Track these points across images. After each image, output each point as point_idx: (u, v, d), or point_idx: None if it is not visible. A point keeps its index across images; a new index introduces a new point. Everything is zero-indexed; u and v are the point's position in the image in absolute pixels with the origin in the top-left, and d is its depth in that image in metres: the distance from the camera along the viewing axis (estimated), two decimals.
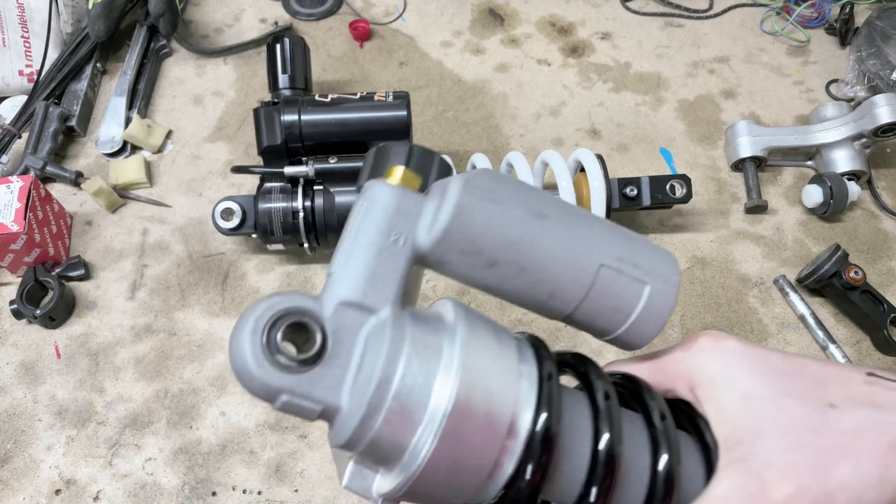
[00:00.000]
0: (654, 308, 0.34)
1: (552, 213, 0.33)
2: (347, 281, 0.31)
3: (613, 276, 0.33)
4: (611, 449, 0.31)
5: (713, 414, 0.34)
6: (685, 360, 0.36)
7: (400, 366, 0.29)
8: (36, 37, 0.93)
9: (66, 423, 0.70)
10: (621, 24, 1.05)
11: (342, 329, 0.30)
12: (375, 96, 0.77)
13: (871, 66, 0.93)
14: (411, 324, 0.31)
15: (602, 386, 0.33)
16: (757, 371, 0.33)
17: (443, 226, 0.31)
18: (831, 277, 0.76)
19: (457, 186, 0.31)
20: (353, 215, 0.33)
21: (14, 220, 0.73)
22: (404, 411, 0.29)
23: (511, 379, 0.30)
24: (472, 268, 0.32)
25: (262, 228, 0.75)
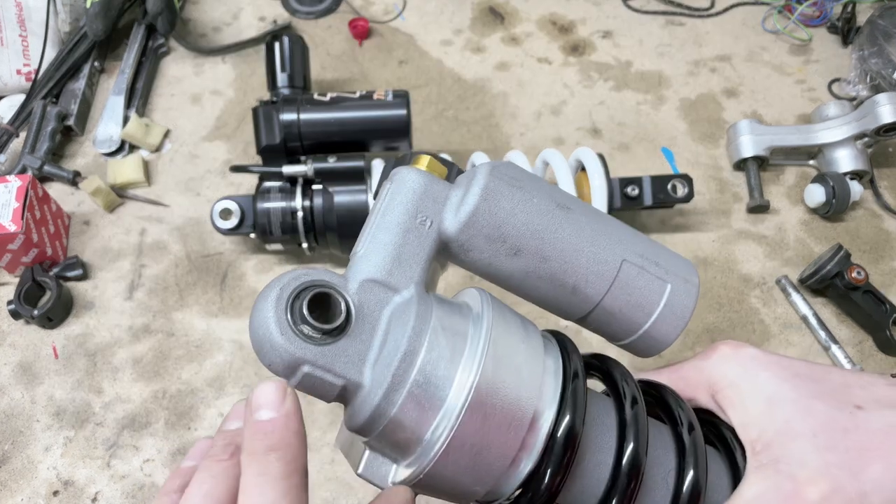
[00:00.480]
0: (675, 307, 0.34)
1: (575, 207, 0.33)
2: (373, 258, 0.30)
3: (636, 272, 0.33)
4: (635, 458, 0.30)
5: (738, 419, 0.33)
6: (706, 368, 0.35)
7: (425, 342, 0.28)
8: (34, 36, 0.93)
9: (63, 424, 0.70)
10: (622, 23, 1.04)
11: (367, 305, 0.30)
12: (375, 95, 0.76)
13: (873, 65, 0.92)
14: (437, 305, 0.30)
15: (630, 391, 0.33)
16: (780, 376, 0.33)
17: (470, 208, 0.31)
18: (833, 278, 0.76)
19: (484, 171, 0.32)
20: (380, 198, 0.33)
21: (12, 219, 0.73)
22: (428, 388, 0.28)
23: (536, 371, 0.30)
24: (496, 255, 0.32)
25: (261, 228, 0.75)
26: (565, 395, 0.30)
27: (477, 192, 0.31)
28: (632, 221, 0.85)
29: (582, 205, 0.34)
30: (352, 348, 0.29)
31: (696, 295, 0.34)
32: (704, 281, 0.80)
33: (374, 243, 0.31)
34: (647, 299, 0.33)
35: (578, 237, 0.32)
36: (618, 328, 0.34)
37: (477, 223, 0.31)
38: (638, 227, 0.84)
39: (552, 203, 0.32)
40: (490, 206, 0.31)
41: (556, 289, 0.33)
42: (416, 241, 0.31)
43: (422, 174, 0.32)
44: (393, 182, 0.32)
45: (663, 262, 0.34)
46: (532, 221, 0.32)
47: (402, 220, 0.31)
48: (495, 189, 0.31)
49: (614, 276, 0.33)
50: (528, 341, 0.31)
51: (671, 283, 0.33)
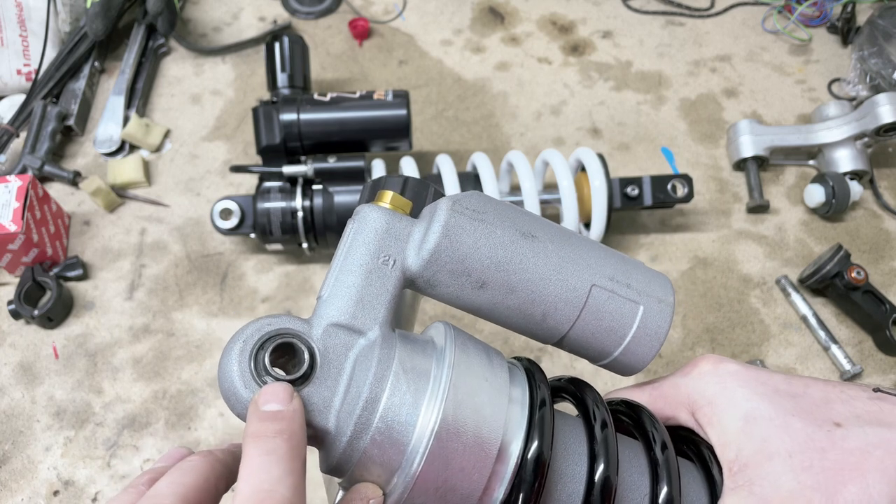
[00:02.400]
0: (648, 329, 0.33)
1: (541, 234, 0.33)
2: (336, 302, 0.31)
3: (606, 297, 0.33)
4: (606, 479, 0.31)
5: (716, 437, 0.33)
6: (685, 385, 0.35)
7: (387, 386, 0.29)
8: (34, 36, 0.93)
9: (64, 424, 0.70)
10: (622, 23, 1.04)
11: (331, 350, 0.30)
12: (375, 95, 0.76)
13: (872, 65, 0.92)
14: (400, 345, 0.30)
15: (599, 414, 0.33)
16: (759, 392, 0.33)
17: (431, 246, 0.31)
18: (833, 278, 0.76)
19: (445, 207, 0.31)
20: (343, 237, 0.33)
21: (12, 219, 0.73)
22: (391, 431, 0.28)
23: (501, 403, 0.30)
24: (462, 289, 0.32)
25: (261, 228, 0.75)
26: (532, 423, 0.30)
27: (437, 229, 0.31)
28: (632, 221, 0.85)
29: (550, 230, 0.33)
30: (317, 395, 0.29)
31: (671, 314, 0.34)
32: (704, 281, 0.80)
33: (338, 286, 0.31)
34: (619, 323, 0.33)
35: (545, 266, 0.32)
36: (592, 352, 0.35)
37: (439, 260, 0.31)
38: (638, 228, 0.84)
39: (516, 233, 0.32)
40: (451, 243, 0.31)
41: (526, 318, 0.33)
42: (379, 281, 0.31)
43: (383, 212, 0.32)
44: (355, 221, 0.33)
45: (636, 283, 0.34)
46: (495, 254, 0.31)
47: (364, 262, 0.31)
48: (456, 225, 0.31)
49: (584, 303, 0.33)
50: (492, 376, 0.31)
51: (644, 304, 0.33)
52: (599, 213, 0.73)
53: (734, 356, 0.75)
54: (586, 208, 0.75)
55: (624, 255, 0.35)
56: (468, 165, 0.78)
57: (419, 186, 0.38)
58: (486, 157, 0.75)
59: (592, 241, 0.35)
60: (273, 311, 0.77)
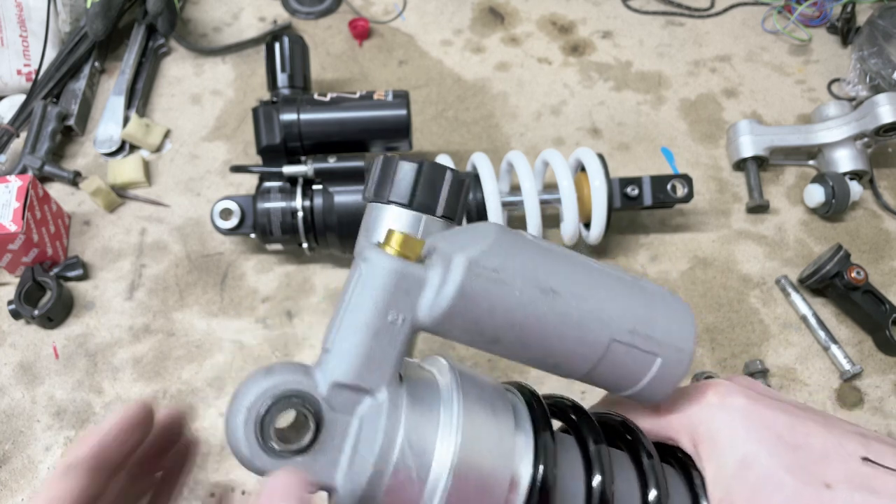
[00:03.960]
0: (663, 378, 0.33)
1: (564, 286, 0.31)
2: (342, 361, 0.30)
3: (624, 350, 0.32)
4: (603, 490, 0.32)
5: (710, 474, 0.34)
6: (690, 414, 0.35)
7: (392, 459, 0.29)
8: (34, 36, 0.93)
9: (64, 424, 0.70)
10: (622, 23, 1.04)
11: (337, 410, 0.30)
12: (375, 95, 0.76)
13: (872, 65, 0.92)
14: (407, 406, 0.30)
15: (592, 436, 0.34)
16: (760, 438, 0.33)
17: (444, 308, 0.30)
18: (833, 278, 0.76)
19: (460, 268, 0.30)
20: (349, 284, 0.32)
21: (12, 219, 0.73)
22: (402, 494, 0.29)
23: (507, 442, 0.31)
24: (473, 342, 0.32)
25: (261, 228, 0.75)
26: (538, 452, 0.31)
27: (451, 291, 0.29)
28: (632, 221, 0.85)
29: (575, 279, 0.32)
30: (322, 459, 0.29)
31: (689, 363, 0.34)
32: (704, 281, 0.80)
33: (344, 343, 0.30)
34: (633, 373, 0.33)
35: (563, 324, 0.31)
36: (604, 388, 0.35)
37: (452, 321, 0.30)
38: (638, 228, 0.85)
39: (536, 291, 0.31)
40: (466, 305, 0.30)
41: (538, 365, 0.33)
42: (386, 340, 0.30)
43: (393, 263, 0.30)
44: (361, 271, 0.31)
45: (657, 333, 0.33)
46: (511, 315, 0.30)
47: (371, 321, 0.30)
48: (471, 289, 0.30)
49: (601, 357, 0.32)
50: (495, 413, 0.31)
51: (662, 356, 0.33)
52: (599, 213, 0.73)
53: (734, 356, 0.75)
54: (586, 208, 0.75)
55: (649, 293, 0.34)
56: (468, 165, 0.78)
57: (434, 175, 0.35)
58: (486, 157, 0.75)
59: (621, 279, 0.34)
60: (273, 311, 0.77)
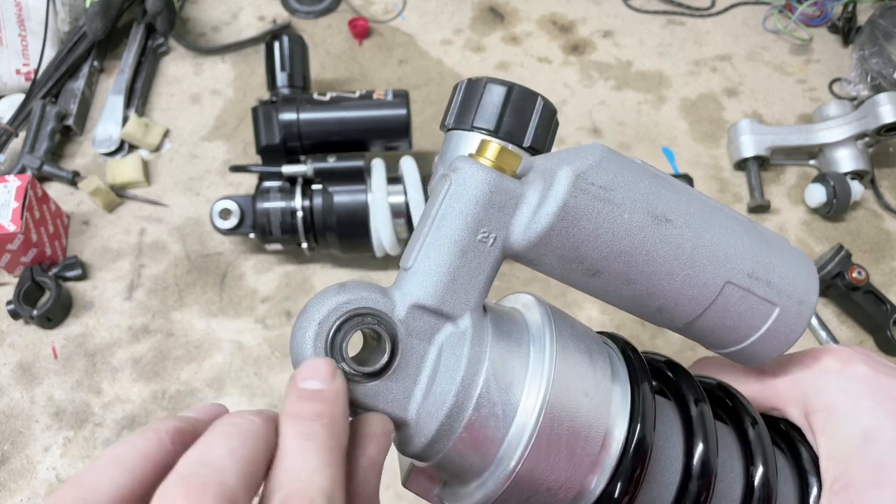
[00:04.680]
0: (779, 332, 0.29)
1: (678, 216, 0.28)
2: (425, 281, 0.27)
3: (739, 296, 0.28)
4: (706, 463, 0.28)
5: (826, 448, 0.30)
6: (803, 381, 0.31)
7: (476, 393, 0.26)
8: (33, 35, 0.92)
9: (63, 425, 0.70)
10: (623, 22, 1.04)
11: (414, 335, 0.27)
12: (374, 95, 0.76)
13: (873, 64, 0.92)
14: (493, 337, 0.27)
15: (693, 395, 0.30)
16: (886, 409, 0.29)
17: (542, 228, 0.26)
18: (834, 278, 0.75)
19: (565, 182, 0.26)
20: (437, 196, 0.28)
21: (11, 219, 0.72)
22: (480, 438, 0.26)
23: (604, 391, 0.27)
24: (570, 273, 0.28)
25: (261, 228, 0.74)
26: (635, 409, 0.28)
27: (552, 209, 0.26)
28: None
29: (690, 209, 0.28)
30: (396, 387, 0.26)
31: (810, 316, 0.29)
32: None
33: (427, 261, 0.27)
34: (747, 323, 0.29)
35: (674, 259, 0.27)
36: (707, 342, 0.31)
37: (550, 244, 0.27)
38: None
39: (647, 217, 0.27)
40: (567, 226, 0.26)
41: (639, 307, 0.29)
42: (475, 261, 0.27)
43: (487, 175, 0.27)
44: (452, 182, 0.27)
45: (777, 279, 0.29)
46: (618, 243, 0.27)
47: (460, 238, 0.27)
48: (576, 207, 0.26)
49: (712, 301, 0.28)
50: (593, 362, 0.28)
51: (781, 306, 0.29)
52: None
53: None
54: None
55: (770, 238, 0.30)
56: None
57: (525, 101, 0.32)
58: None
59: (739, 219, 0.30)
60: (273, 311, 0.77)
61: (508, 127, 0.33)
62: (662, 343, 0.75)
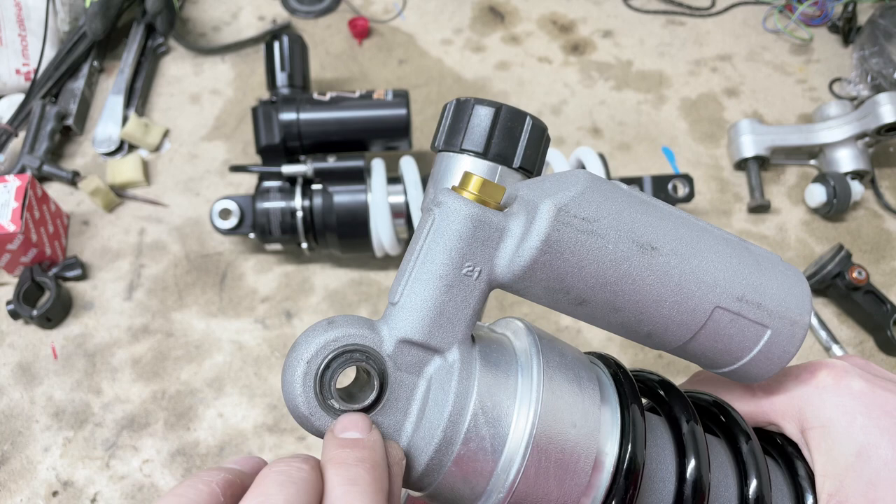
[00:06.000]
0: (771, 353, 0.29)
1: (665, 243, 0.28)
2: (412, 316, 0.27)
3: (729, 319, 0.28)
4: (698, 480, 0.28)
5: (821, 465, 0.30)
6: (799, 396, 0.32)
7: (466, 422, 0.26)
8: (33, 35, 0.92)
9: (63, 425, 0.69)
10: (623, 22, 1.04)
11: (403, 370, 0.27)
12: (374, 95, 0.76)
13: (874, 64, 0.92)
14: (480, 369, 0.27)
15: (685, 415, 0.30)
16: (881, 425, 0.29)
17: (525, 262, 0.26)
18: (835, 278, 0.75)
19: (548, 216, 0.26)
20: (422, 229, 0.28)
21: (11, 219, 0.72)
22: (469, 472, 0.26)
23: (594, 412, 0.27)
24: (557, 302, 0.28)
25: (261, 228, 0.74)
26: (625, 429, 0.27)
27: (536, 243, 0.26)
28: None
29: (677, 235, 0.28)
30: (385, 421, 0.27)
31: (803, 337, 0.29)
32: None
33: (413, 296, 0.27)
34: (738, 346, 0.29)
35: (662, 286, 0.27)
36: (700, 363, 0.31)
37: (534, 276, 0.26)
38: None
39: (633, 245, 0.27)
40: (551, 259, 0.26)
41: (629, 333, 0.29)
42: (460, 295, 0.27)
43: (471, 209, 0.27)
44: (436, 217, 0.27)
45: (768, 301, 0.29)
46: (604, 273, 0.26)
47: (444, 273, 0.27)
48: (559, 240, 0.26)
49: (701, 326, 0.28)
50: (581, 384, 0.28)
51: (772, 328, 0.29)
52: None
53: None
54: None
55: (760, 258, 0.30)
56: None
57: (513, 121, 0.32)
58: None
59: (728, 240, 0.30)
60: (273, 311, 0.77)
61: (497, 148, 0.33)
62: None
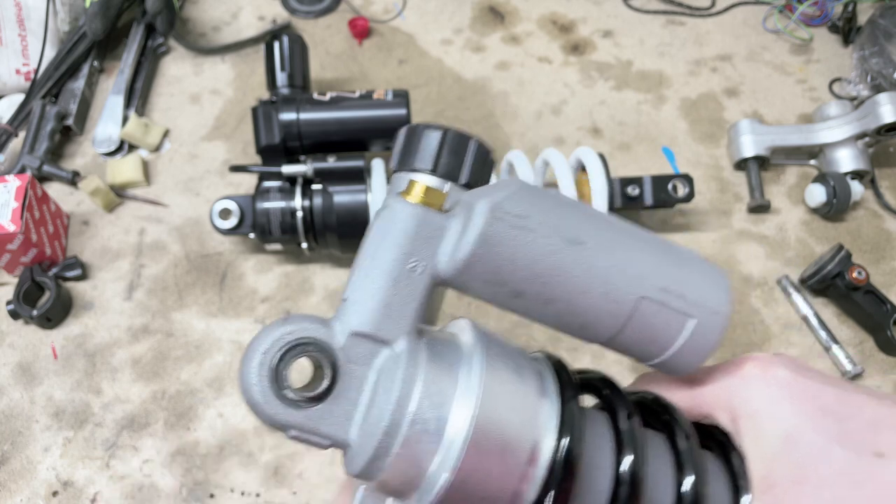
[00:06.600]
0: (696, 342, 0.32)
1: (591, 238, 0.30)
2: (361, 309, 0.29)
3: (654, 309, 0.31)
4: (635, 471, 0.30)
5: (751, 451, 0.31)
6: (728, 388, 0.33)
7: (411, 408, 0.28)
8: (33, 35, 0.92)
9: (63, 425, 0.69)
10: (623, 22, 1.04)
11: (353, 361, 0.29)
12: (374, 95, 0.76)
13: (873, 64, 0.92)
14: (426, 358, 0.29)
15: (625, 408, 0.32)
16: (806, 410, 0.31)
17: (464, 256, 0.29)
18: (834, 278, 0.75)
19: (483, 212, 0.29)
20: (370, 234, 0.31)
21: (11, 219, 0.72)
22: (415, 454, 0.28)
23: (531, 406, 0.29)
24: (496, 296, 0.30)
25: (261, 228, 0.74)
26: (563, 422, 0.29)
27: (472, 238, 0.29)
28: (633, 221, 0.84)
29: (602, 232, 0.31)
30: (337, 409, 0.29)
31: (724, 326, 0.32)
32: None
33: (363, 292, 0.30)
34: (665, 335, 0.31)
35: (588, 278, 0.30)
36: (632, 355, 0.33)
37: (473, 270, 0.29)
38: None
39: (561, 241, 0.30)
40: (487, 252, 0.29)
41: (564, 325, 0.32)
42: (406, 289, 0.30)
43: (413, 211, 0.30)
44: (383, 218, 0.31)
45: (690, 293, 0.31)
46: (535, 265, 0.29)
47: (391, 268, 0.30)
48: (493, 234, 0.29)
49: (629, 315, 0.31)
50: (522, 380, 0.30)
51: (696, 317, 0.31)
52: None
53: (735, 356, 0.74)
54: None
55: (682, 255, 0.33)
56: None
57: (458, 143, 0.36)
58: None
59: (651, 238, 0.33)
60: (273, 311, 0.77)
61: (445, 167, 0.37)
62: None
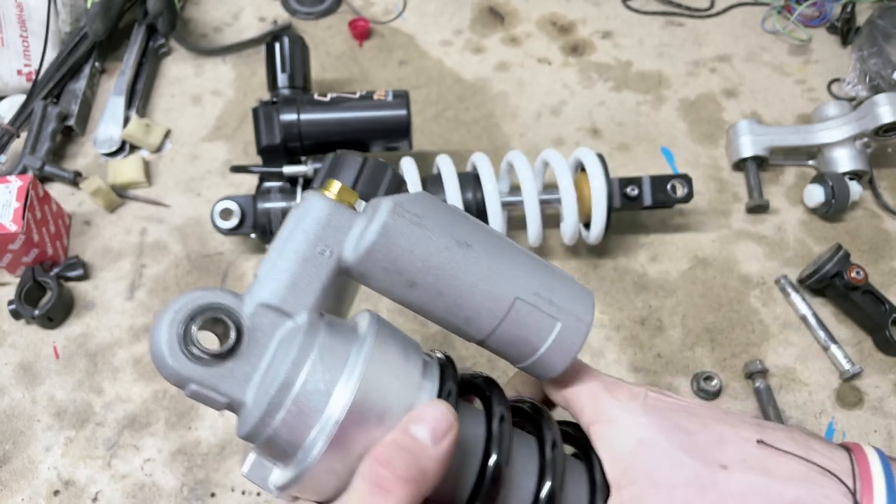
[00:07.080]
0: (562, 344, 0.35)
1: (477, 244, 0.35)
2: (271, 284, 0.33)
3: (527, 310, 0.35)
4: (497, 468, 0.33)
5: (607, 453, 0.35)
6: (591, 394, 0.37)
7: (303, 371, 0.30)
8: (34, 36, 0.93)
9: (64, 424, 0.70)
10: (622, 23, 1.04)
11: (258, 329, 0.32)
12: (375, 95, 0.76)
13: (872, 65, 0.92)
14: (324, 332, 0.32)
15: (500, 410, 0.36)
16: (658, 425, 0.34)
17: (367, 244, 0.32)
18: (833, 278, 0.76)
19: (386, 208, 0.33)
20: (287, 221, 0.35)
21: (12, 219, 0.73)
22: (301, 414, 0.30)
23: (410, 393, 0.32)
24: (393, 285, 0.34)
25: (261, 228, 0.75)
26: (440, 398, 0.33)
27: (376, 228, 0.32)
28: (632, 221, 0.85)
29: (487, 240, 0.35)
30: (238, 370, 0.31)
31: (586, 333, 0.36)
32: (704, 281, 0.80)
33: (274, 269, 0.33)
34: (535, 335, 0.35)
35: (473, 276, 0.34)
36: (508, 356, 0.37)
37: (373, 257, 0.33)
38: (638, 228, 0.84)
39: (451, 241, 0.34)
40: (387, 243, 0.33)
41: (451, 318, 0.35)
42: (313, 270, 0.33)
43: (327, 203, 0.34)
44: (299, 207, 0.34)
45: (558, 300, 0.35)
46: (427, 260, 0.33)
47: (301, 249, 0.33)
48: (394, 227, 0.33)
49: (505, 313, 0.34)
50: (405, 367, 0.33)
51: (562, 321, 0.35)
52: (599, 213, 0.73)
53: (734, 356, 0.75)
54: (586, 208, 0.75)
55: (556, 270, 0.37)
56: (468, 166, 0.78)
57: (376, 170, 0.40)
58: (486, 157, 0.75)
59: (529, 254, 0.37)
60: None
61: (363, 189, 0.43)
62: (661, 342, 0.75)
